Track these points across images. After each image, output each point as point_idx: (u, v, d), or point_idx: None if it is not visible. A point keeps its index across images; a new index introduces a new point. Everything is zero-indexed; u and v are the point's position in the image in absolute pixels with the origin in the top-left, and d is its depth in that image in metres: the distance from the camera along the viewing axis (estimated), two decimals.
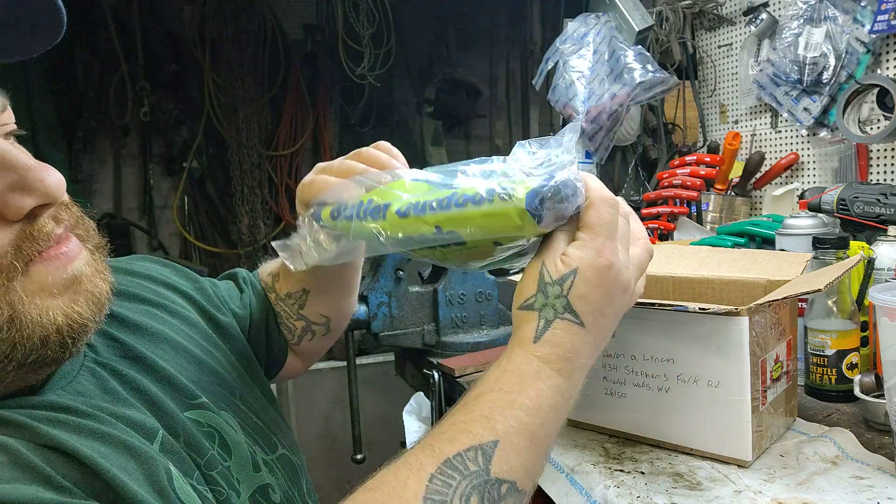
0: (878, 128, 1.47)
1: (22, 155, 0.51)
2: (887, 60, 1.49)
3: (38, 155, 0.54)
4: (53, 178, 0.51)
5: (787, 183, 1.77)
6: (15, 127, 0.54)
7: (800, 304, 0.98)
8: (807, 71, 1.60)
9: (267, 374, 0.89)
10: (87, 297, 0.54)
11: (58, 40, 0.53)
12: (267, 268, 0.92)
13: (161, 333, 0.70)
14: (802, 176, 1.74)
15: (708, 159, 1.81)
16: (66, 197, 0.55)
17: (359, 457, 2.38)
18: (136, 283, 0.75)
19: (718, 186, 1.82)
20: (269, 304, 0.88)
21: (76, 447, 0.49)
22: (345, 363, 2.32)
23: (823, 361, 0.98)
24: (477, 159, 0.64)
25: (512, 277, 0.97)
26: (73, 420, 0.53)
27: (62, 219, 0.54)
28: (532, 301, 0.60)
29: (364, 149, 0.72)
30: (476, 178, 0.61)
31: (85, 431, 0.52)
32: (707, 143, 2.03)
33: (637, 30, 1.86)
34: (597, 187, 0.61)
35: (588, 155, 2.00)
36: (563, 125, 2.02)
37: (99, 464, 0.48)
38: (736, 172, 1.83)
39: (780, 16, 1.71)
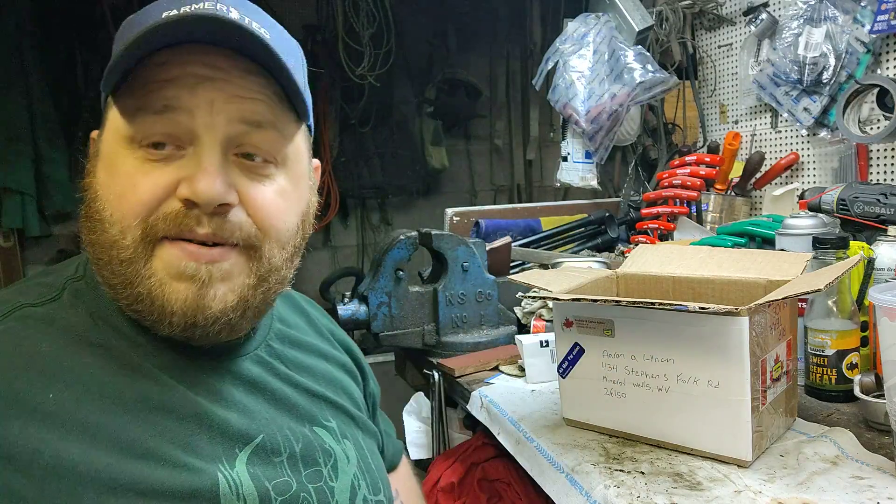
0: (878, 128, 1.47)
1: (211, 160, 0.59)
2: (887, 60, 1.49)
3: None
4: (205, 190, 0.58)
5: (787, 183, 1.77)
6: None
7: (800, 304, 0.98)
8: (807, 71, 1.60)
9: None
10: (195, 295, 0.60)
11: None
12: None
13: (317, 367, 0.81)
14: (802, 176, 1.74)
15: (708, 159, 1.81)
16: (239, 218, 0.61)
17: None
18: (314, 322, 0.88)
19: (718, 186, 1.82)
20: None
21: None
22: None
23: (823, 361, 0.98)
24: None
25: (512, 277, 0.97)
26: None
27: (213, 226, 0.60)
28: None
29: None
30: None
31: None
32: (707, 143, 2.03)
33: (637, 30, 1.86)
34: None
35: (588, 155, 2.00)
36: (563, 125, 2.02)
37: None
38: (736, 172, 1.83)
39: (780, 16, 1.71)
